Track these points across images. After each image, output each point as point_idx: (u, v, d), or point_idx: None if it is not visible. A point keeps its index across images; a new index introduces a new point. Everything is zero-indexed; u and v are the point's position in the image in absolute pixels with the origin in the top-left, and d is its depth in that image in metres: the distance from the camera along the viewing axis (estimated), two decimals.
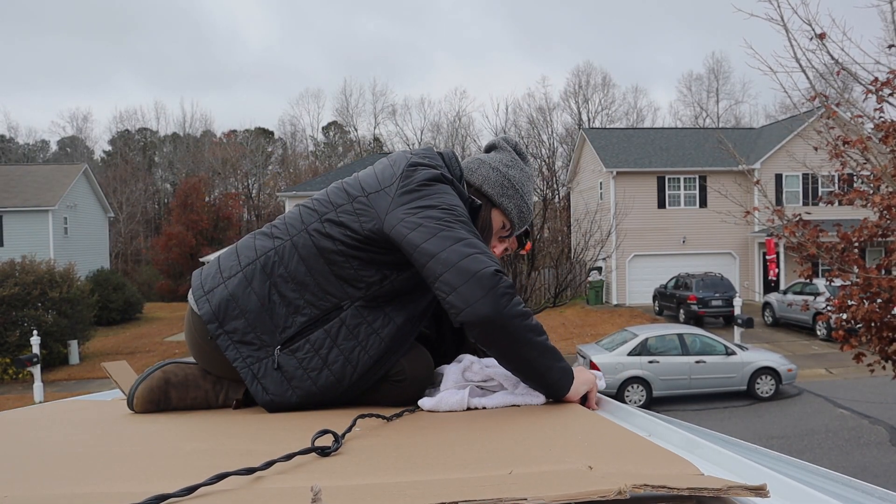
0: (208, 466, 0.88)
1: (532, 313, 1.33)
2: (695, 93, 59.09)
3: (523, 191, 1.60)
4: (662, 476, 0.80)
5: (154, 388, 1.48)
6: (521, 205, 1.60)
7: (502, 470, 0.85)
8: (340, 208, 1.43)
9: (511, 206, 1.58)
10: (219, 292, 1.47)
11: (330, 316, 1.42)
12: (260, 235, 1.52)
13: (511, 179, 1.59)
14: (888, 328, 6.50)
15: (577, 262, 18.36)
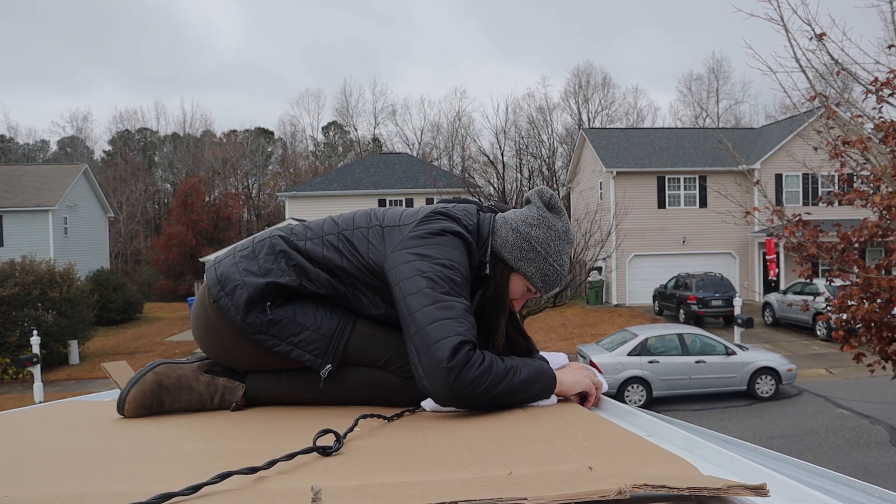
0: (210, 466, 0.88)
1: (493, 364, 1.30)
2: (695, 93, 59.07)
3: (548, 252, 1.49)
4: (662, 476, 0.81)
5: (146, 392, 1.45)
6: (544, 268, 1.50)
7: (502, 470, 0.85)
8: (359, 229, 1.49)
9: (532, 270, 1.49)
10: (226, 262, 1.54)
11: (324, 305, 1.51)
12: (277, 230, 1.59)
13: (532, 241, 1.49)
14: (888, 328, 6.50)
15: (577, 262, 18.35)
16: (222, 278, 1.50)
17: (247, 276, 1.47)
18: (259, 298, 1.45)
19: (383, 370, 1.47)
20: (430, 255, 1.39)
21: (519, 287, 1.53)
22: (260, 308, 1.45)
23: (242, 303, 1.45)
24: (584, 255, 17.08)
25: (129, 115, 67.04)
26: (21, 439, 1.21)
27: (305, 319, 1.46)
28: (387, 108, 70.88)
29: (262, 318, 1.45)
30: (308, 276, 1.48)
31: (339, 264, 1.47)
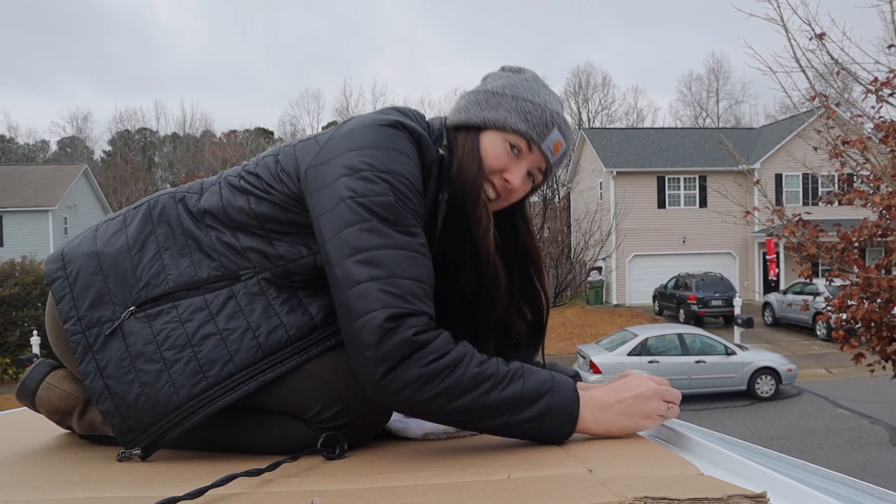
0: (212, 470, 0.88)
1: (461, 361, 0.92)
2: (695, 93, 59.02)
3: (516, 92, 1.12)
4: (663, 481, 0.81)
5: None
6: (521, 106, 1.11)
7: (501, 474, 0.85)
8: (266, 157, 1.11)
9: (503, 114, 1.10)
10: (85, 235, 1.14)
11: (218, 283, 1.02)
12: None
13: (494, 88, 1.14)
14: (888, 328, 6.50)
15: (577, 262, 18.36)
16: (67, 255, 1.09)
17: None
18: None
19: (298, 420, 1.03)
20: (357, 168, 0.98)
21: (497, 146, 1.11)
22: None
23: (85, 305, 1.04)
24: (584, 255, 17.08)
25: (129, 116, 67.06)
26: (22, 441, 1.21)
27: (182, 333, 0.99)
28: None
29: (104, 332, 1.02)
30: (203, 249, 1.05)
31: (244, 205, 1.05)
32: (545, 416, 0.94)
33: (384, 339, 0.88)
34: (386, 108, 1.11)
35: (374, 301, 0.90)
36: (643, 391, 1.01)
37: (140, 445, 0.97)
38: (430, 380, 0.89)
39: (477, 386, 0.91)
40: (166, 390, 0.96)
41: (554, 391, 0.95)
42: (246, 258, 1.03)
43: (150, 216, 1.09)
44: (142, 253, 1.05)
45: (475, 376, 0.91)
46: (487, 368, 0.92)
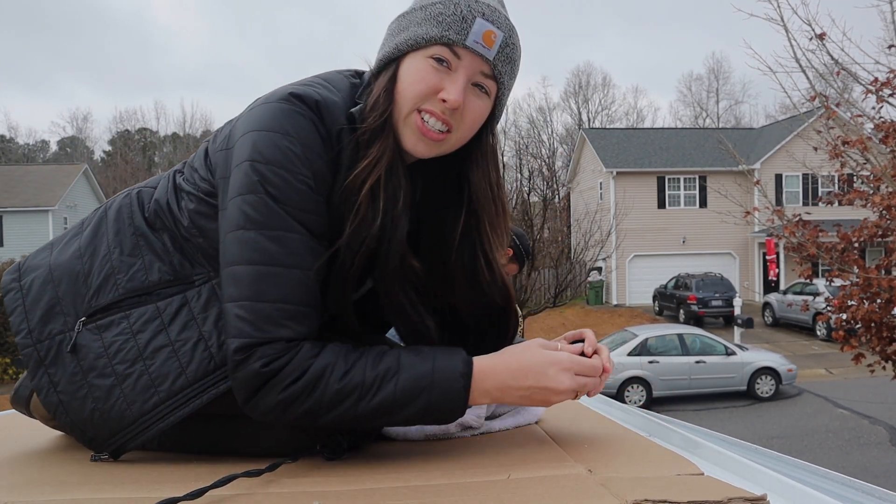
0: (212, 471, 0.88)
1: (320, 379, 0.85)
2: (695, 93, 59.05)
3: (424, 2, 0.96)
4: (663, 481, 0.81)
5: None
6: (429, 13, 0.94)
7: (501, 474, 0.85)
8: (203, 144, 1.04)
9: (413, 31, 0.94)
10: (46, 244, 1.10)
11: (170, 289, 0.96)
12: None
13: (401, 14, 1.00)
14: (888, 328, 6.50)
15: (577, 262, 18.36)
16: (24, 266, 1.06)
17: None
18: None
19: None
20: (241, 158, 0.89)
21: (418, 67, 0.94)
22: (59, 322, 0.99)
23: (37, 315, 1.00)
24: (584, 255, 17.08)
25: (129, 116, 67.12)
26: (20, 441, 1.20)
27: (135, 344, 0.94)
28: None
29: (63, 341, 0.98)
30: (154, 250, 0.98)
31: (185, 206, 0.98)
32: (427, 413, 0.88)
33: (236, 370, 0.85)
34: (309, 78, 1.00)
35: (230, 327, 0.86)
36: (552, 385, 0.90)
37: (105, 452, 0.96)
38: (290, 404, 0.84)
39: (342, 401, 0.85)
40: (119, 406, 0.93)
41: (433, 386, 0.86)
42: (197, 261, 0.96)
43: (105, 217, 1.04)
44: (93, 258, 0.99)
45: (337, 392, 0.84)
46: (352, 379, 0.85)
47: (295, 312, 0.86)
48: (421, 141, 0.94)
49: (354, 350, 0.89)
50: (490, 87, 0.96)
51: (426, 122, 0.93)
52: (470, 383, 0.89)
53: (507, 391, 0.91)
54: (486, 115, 0.98)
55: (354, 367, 0.86)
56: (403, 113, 0.94)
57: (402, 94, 0.94)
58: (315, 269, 0.89)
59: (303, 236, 0.88)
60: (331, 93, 0.95)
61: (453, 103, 0.91)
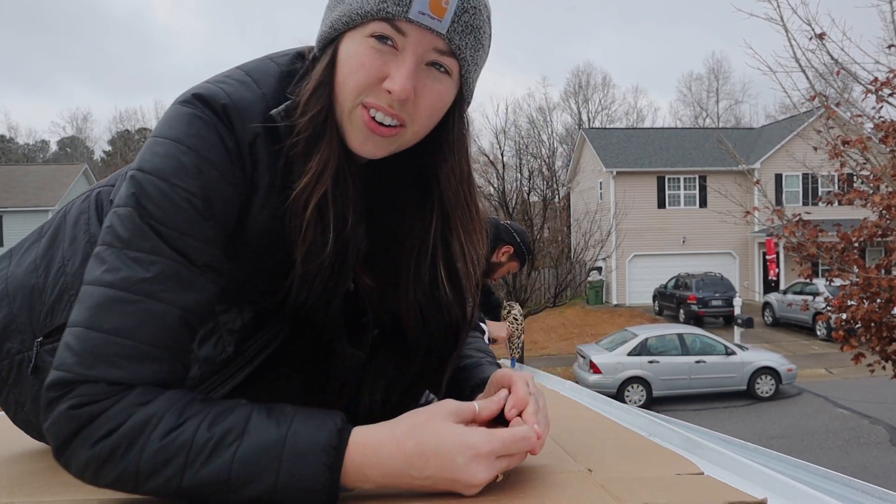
0: None
1: (140, 436, 0.66)
2: (695, 93, 59.08)
3: None
4: (663, 482, 0.81)
5: None
6: None
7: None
8: None
9: (348, 6, 0.78)
10: (2, 255, 1.01)
11: None
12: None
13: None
14: (888, 328, 6.50)
15: (577, 262, 18.36)
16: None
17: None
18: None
19: None
20: (132, 167, 0.77)
21: (357, 49, 0.77)
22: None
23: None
24: (584, 255, 17.08)
25: (128, 115, 67.12)
26: (20, 440, 1.20)
27: None
28: None
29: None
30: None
31: None
32: (274, 498, 0.66)
33: (48, 408, 0.68)
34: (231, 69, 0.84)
35: (57, 356, 0.70)
36: (462, 477, 0.69)
37: None
38: (103, 464, 0.66)
39: (163, 465, 0.65)
40: None
41: (282, 461, 0.66)
42: None
43: (64, 223, 0.93)
44: (48, 271, 0.90)
45: (157, 453, 0.65)
46: (178, 437, 0.65)
47: (137, 351, 0.69)
48: (369, 139, 0.78)
49: (203, 401, 0.70)
50: (450, 66, 0.79)
51: (374, 117, 0.77)
52: (340, 461, 0.67)
53: (398, 479, 0.69)
54: (449, 100, 0.82)
55: (187, 423, 0.66)
56: (346, 108, 0.78)
57: (341, 86, 0.78)
58: (190, 309, 0.71)
59: (177, 264, 0.71)
60: (248, 91, 0.78)
61: (400, 94, 0.74)
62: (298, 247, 0.78)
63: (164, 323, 0.70)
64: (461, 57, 0.79)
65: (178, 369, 0.73)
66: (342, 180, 0.80)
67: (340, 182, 0.80)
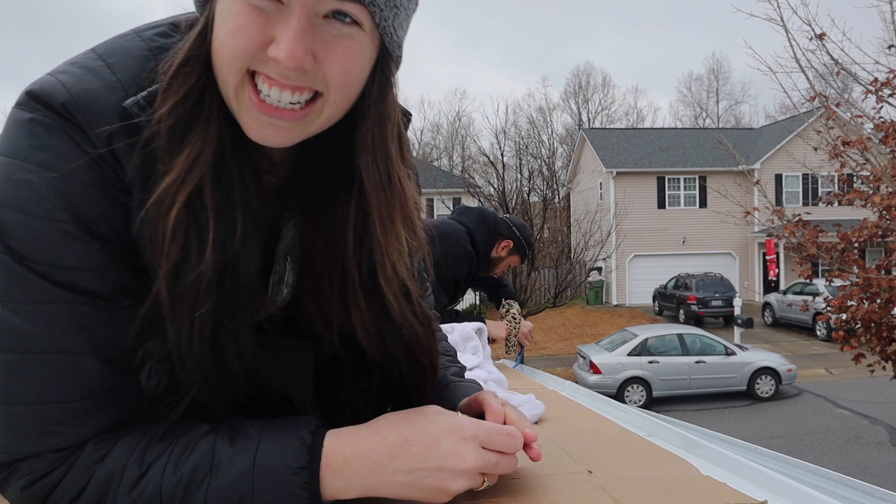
0: None
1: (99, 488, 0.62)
2: (695, 93, 59.09)
3: None
4: (663, 482, 0.81)
5: None
6: None
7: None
8: None
9: None
10: None
11: None
12: None
13: None
14: (888, 328, 6.50)
15: (576, 263, 18.36)
16: None
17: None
18: None
19: None
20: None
21: (232, 11, 0.61)
22: None
23: None
24: (584, 255, 17.08)
25: None
26: None
27: None
28: None
29: None
30: None
31: None
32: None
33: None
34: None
35: None
36: (449, 462, 0.65)
37: None
38: None
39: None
40: None
41: (255, 494, 0.61)
42: None
43: None
44: None
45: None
46: (146, 488, 0.61)
47: (68, 413, 0.62)
48: (268, 126, 0.63)
49: (162, 437, 0.64)
50: (357, 13, 0.62)
51: (266, 95, 0.61)
52: (316, 478, 0.63)
53: (381, 477, 0.65)
54: (365, 56, 0.65)
55: (151, 469, 0.62)
56: (229, 87, 0.62)
57: (217, 59, 0.62)
58: (106, 346, 0.63)
59: (70, 305, 0.61)
60: (96, 79, 0.64)
61: (288, 62, 0.59)
62: (161, 264, 0.63)
63: (83, 372, 0.62)
64: (370, 1, 0.61)
65: (127, 406, 0.65)
66: (225, 177, 0.65)
67: (223, 179, 0.65)
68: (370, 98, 0.68)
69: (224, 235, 0.65)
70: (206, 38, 0.64)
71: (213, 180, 0.64)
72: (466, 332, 1.74)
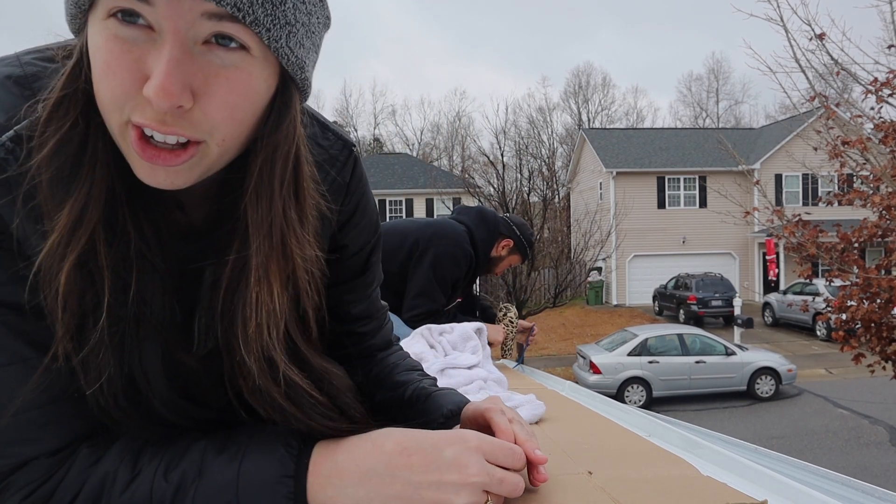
0: None
1: (93, 491, 0.62)
2: (695, 93, 59.14)
3: None
4: (663, 483, 0.81)
5: None
6: None
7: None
8: None
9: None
10: None
11: None
12: None
13: None
14: (888, 328, 6.50)
15: (576, 263, 18.36)
16: None
17: None
18: None
19: None
20: None
21: (100, 39, 0.53)
22: None
23: None
24: (584, 255, 17.08)
25: None
26: None
27: None
28: (387, 109, 71.12)
29: None
30: None
31: None
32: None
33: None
34: None
35: None
36: (450, 476, 0.61)
37: None
38: None
39: None
40: None
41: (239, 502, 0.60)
42: None
43: None
44: None
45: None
46: (136, 492, 0.60)
47: (41, 418, 0.60)
48: (157, 170, 0.55)
49: (156, 443, 0.64)
50: (243, 36, 0.53)
51: (151, 137, 0.54)
52: (302, 488, 0.61)
53: (374, 487, 0.61)
54: (256, 85, 0.56)
55: (142, 474, 0.61)
56: (113, 128, 0.55)
57: (98, 98, 0.55)
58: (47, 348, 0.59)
59: (3, 320, 0.59)
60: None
61: (160, 101, 0.51)
62: (58, 328, 0.58)
63: (44, 375, 0.59)
64: (250, 19, 0.52)
65: (83, 407, 0.62)
66: (120, 230, 0.59)
67: (118, 232, 0.59)
68: (264, 130, 0.60)
69: (122, 296, 0.59)
70: (81, 72, 0.56)
71: (106, 235, 0.57)
72: (466, 332, 1.74)
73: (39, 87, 0.59)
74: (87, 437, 0.63)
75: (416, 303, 2.29)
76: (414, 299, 2.30)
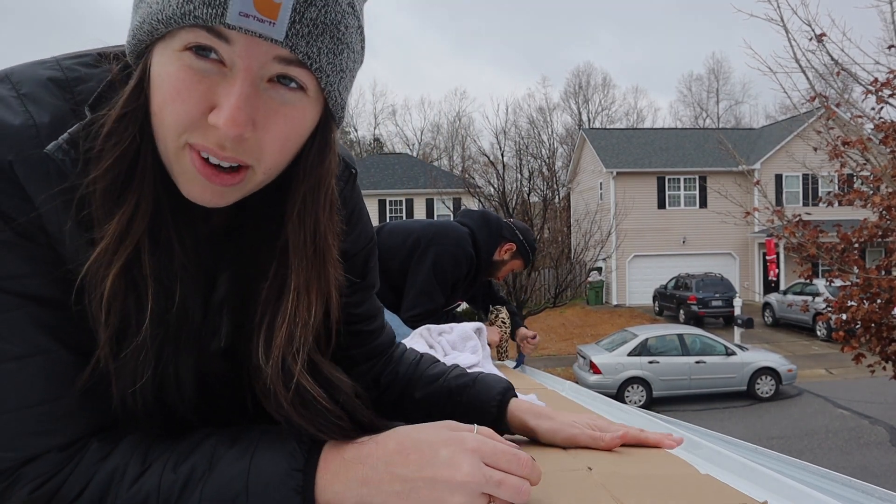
0: None
1: (100, 486, 0.63)
2: (695, 93, 59.16)
3: None
4: (663, 480, 0.81)
5: None
6: None
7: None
8: None
9: (146, 7, 0.57)
10: None
11: None
12: None
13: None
14: (888, 329, 6.50)
15: (577, 263, 18.36)
16: None
17: None
18: None
19: None
20: None
21: (170, 69, 0.57)
22: None
23: None
24: (584, 255, 17.08)
25: None
26: None
27: None
28: (387, 109, 71.12)
29: None
30: None
31: None
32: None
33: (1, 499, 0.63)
34: None
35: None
36: (443, 473, 0.63)
37: None
38: None
39: None
40: None
41: (249, 496, 0.62)
42: None
43: None
44: None
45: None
46: (144, 485, 0.62)
47: (57, 411, 0.62)
48: (207, 188, 0.60)
49: (165, 439, 0.66)
50: (303, 78, 0.59)
51: (208, 158, 0.59)
52: (311, 482, 0.63)
53: (374, 484, 0.63)
54: (307, 123, 0.63)
55: (152, 467, 0.63)
56: (169, 148, 0.60)
57: (158, 119, 0.59)
58: (69, 341, 0.62)
59: (29, 310, 0.61)
60: (7, 112, 0.60)
61: (229, 131, 0.56)
62: (100, 332, 0.61)
63: (62, 369, 0.62)
64: (315, 66, 0.58)
65: (98, 401, 0.64)
66: (164, 241, 0.63)
67: (162, 243, 0.63)
68: (307, 161, 0.66)
69: (165, 303, 0.64)
70: (141, 92, 0.60)
71: (150, 245, 0.62)
72: (466, 332, 1.74)
73: (80, 91, 0.63)
74: (98, 432, 0.65)
75: (416, 301, 2.29)
76: (413, 298, 2.30)
